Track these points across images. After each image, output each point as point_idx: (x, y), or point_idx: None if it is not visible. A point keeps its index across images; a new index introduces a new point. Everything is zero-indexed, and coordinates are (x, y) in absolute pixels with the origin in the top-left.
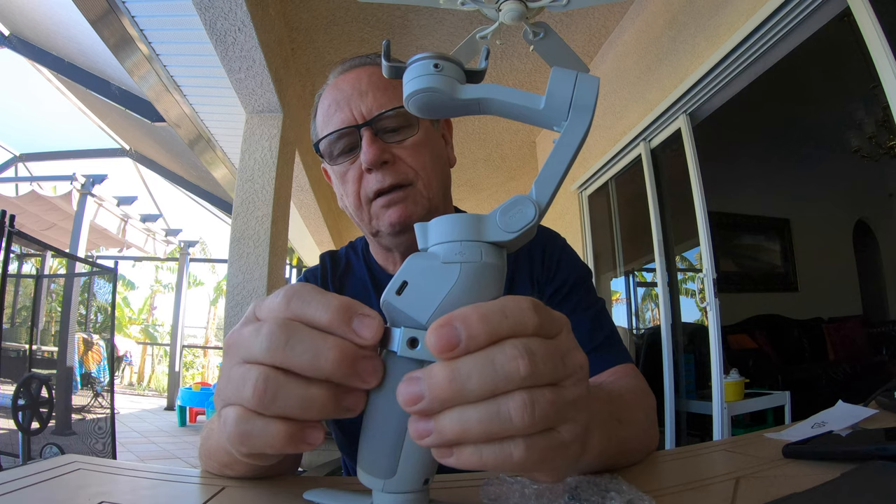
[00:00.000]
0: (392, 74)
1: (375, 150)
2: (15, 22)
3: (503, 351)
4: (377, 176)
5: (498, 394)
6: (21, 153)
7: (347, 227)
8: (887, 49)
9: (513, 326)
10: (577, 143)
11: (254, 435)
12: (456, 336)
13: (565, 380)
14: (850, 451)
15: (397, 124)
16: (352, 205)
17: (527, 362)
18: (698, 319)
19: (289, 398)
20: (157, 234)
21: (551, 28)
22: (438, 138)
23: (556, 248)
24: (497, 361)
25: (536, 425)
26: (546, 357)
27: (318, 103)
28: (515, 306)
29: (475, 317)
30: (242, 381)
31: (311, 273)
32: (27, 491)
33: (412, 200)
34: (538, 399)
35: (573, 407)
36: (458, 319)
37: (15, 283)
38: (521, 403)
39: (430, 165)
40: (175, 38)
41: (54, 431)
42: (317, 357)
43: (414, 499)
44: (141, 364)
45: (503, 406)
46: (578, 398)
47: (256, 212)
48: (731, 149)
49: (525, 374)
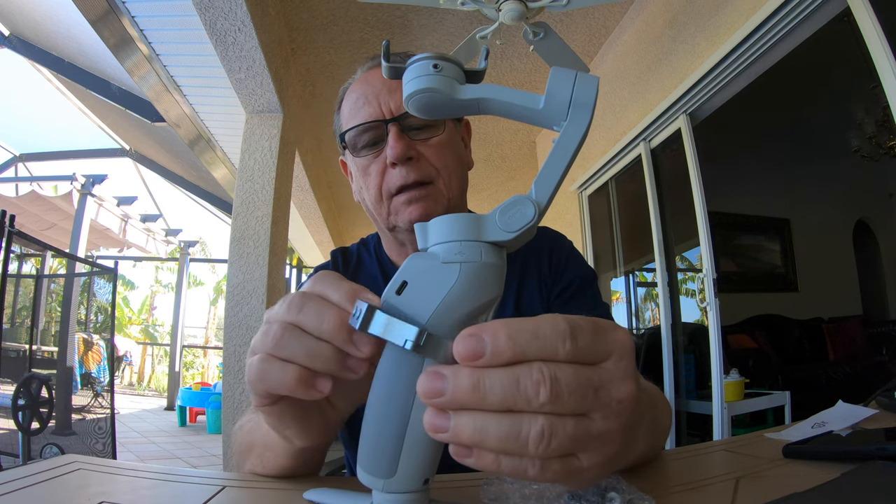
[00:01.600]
0: (391, 75)
1: (402, 146)
2: (15, 22)
3: (530, 373)
4: (401, 171)
5: (521, 412)
6: (21, 153)
7: (347, 227)
8: (887, 49)
9: (542, 349)
10: (577, 143)
11: (270, 373)
12: (481, 348)
13: (594, 412)
14: (850, 451)
15: (423, 123)
16: (372, 198)
17: (548, 390)
18: (698, 319)
19: (299, 346)
20: (157, 234)
21: (551, 28)
22: (460, 140)
23: (563, 250)
24: (521, 382)
25: (550, 455)
26: (574, 387)
27: (343, 95)
28: (551, 329)
29: (504, 333)
30: (265, 333)
31: (323, 269)
32: (27, 491)
33: (433, 199)
34: (557, 430)
35: (598, 440)
36: (487, 332)
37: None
38: (539, 432)
39: (452, 166)
40: (175, 38)
41: (54, 431)
42: (320, 320)
43: (414, 499)
44: (141, 364)
45: (523, 428)
46: (607, 432)
47: (256, 212)
48: (731, 149)
49: (544, 402)
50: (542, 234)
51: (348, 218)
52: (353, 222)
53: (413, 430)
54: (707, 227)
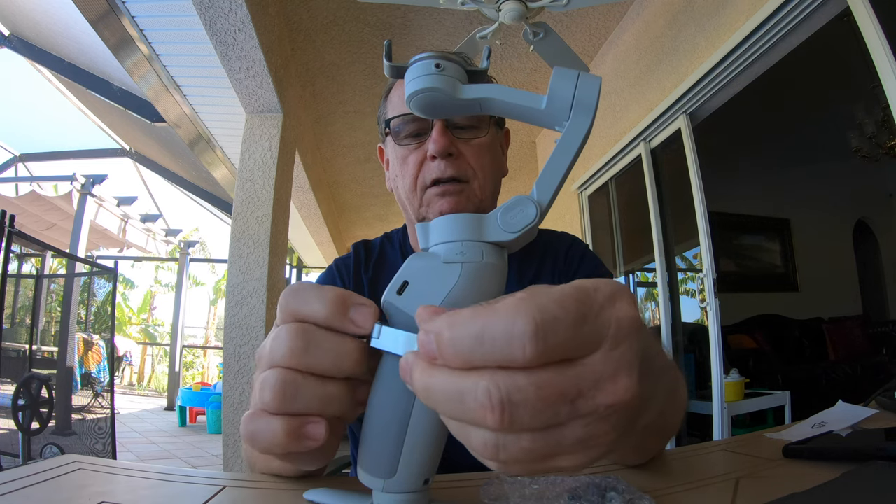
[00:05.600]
0: (393, 74)
1: (445, 141)
2: (15, 22)
3: (475, 390)
4: (440, 165)
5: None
6: (21, 153)
7: (347, 228)
8: (887, 49)
9: (491, 356)
10: (579, 143)
11: (258, 433)
12: (432, 347)
13: (572, 421)
14: (850, 451)
15: (468, 123)
16: (406, 187)
17: (497, 415)
18: (698, 319)
19: (307, 397)
20: (157, 234)
21: (551, 28)
22: (499, 146)
23: (578, 249)
24: (466, 399)
25: (508, 461)
26: (535, 405)
27: (394, 84)
28: (503, 330)
29: (447, 334)
30: (263, 385)
31: (342, 261)
32: (27, 491)
33: (465, 196)
34: (508, 446)
35: (577, 446)
36: (434, 326)
37: (15, 283)
38: (482, 443)
39: (489, 168)
40: (175, 38)
41: (54, 431)
42: (339, 358)
43: (414, 499)
44: (141, 364)
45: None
46: (589, 438)
47: (256, 212)
48: (731, 149)
49: (495, 427)
50: (560, 237)
51: (348, 218)
52: (353, 222)
53: (413, 430)
54: (707, 226)
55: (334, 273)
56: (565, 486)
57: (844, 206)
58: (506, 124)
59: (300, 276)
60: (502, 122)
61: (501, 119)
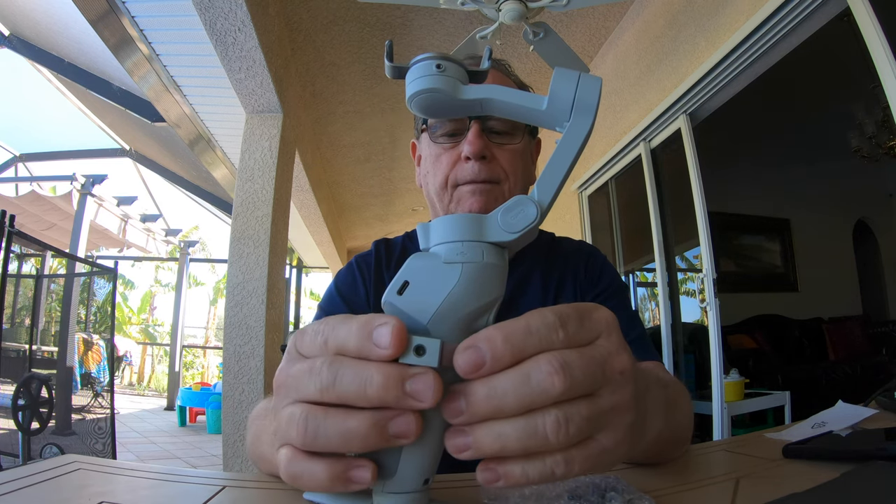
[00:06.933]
0: (394, 75)
1: (480, 144)
2: (15, 22)
3: (538, 367)
4: (473, 167)
5: (535, 409)
6: (21, 153)
7: (347, 228)
8: (887, 49)
9: (540, 342)
10: (580, 144)
11: (302, 476)
12: (481, 357)
13: (603, 388)
14: (850, 451)
15: (504, 128)
16: (437, 184)
17: (562, 378)
18: (698, 319)
19: (329, 434)
20: (157, 234)
21: (551, 28)
22: (529, 154)
23: (598, 261)
24: (532, 378)
25: (572, 440)
26: (583, 368)
27: None
28: (541, 322)
29: (500, 338)
30: (289, 422)
31: (363, 259)
32: (27, 491)
33: (494, 197)
34: (573, 416)
35: (612, 413)
36: (482, 340)
37: (15, 283)
38: (555, 421)
39: (519, 174)
40: (175, 38)
41: (54, 431)
42: (362, 385)
43: (414, 499)
44: (141, 364)
45: (539, 423)
46: (617, 405)
47: (256, 212)
48: (731, 149)
49: (561, 390)
50: (579, 247)
51: (348, 218)
52: (353, 222)
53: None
54: (707, 226)
55: (354, 269)
56: (565, 486)
57: (844, 206)
58: (538, 133)
59: (300, 276)
60: (535, 132)
61: (535, 128)
